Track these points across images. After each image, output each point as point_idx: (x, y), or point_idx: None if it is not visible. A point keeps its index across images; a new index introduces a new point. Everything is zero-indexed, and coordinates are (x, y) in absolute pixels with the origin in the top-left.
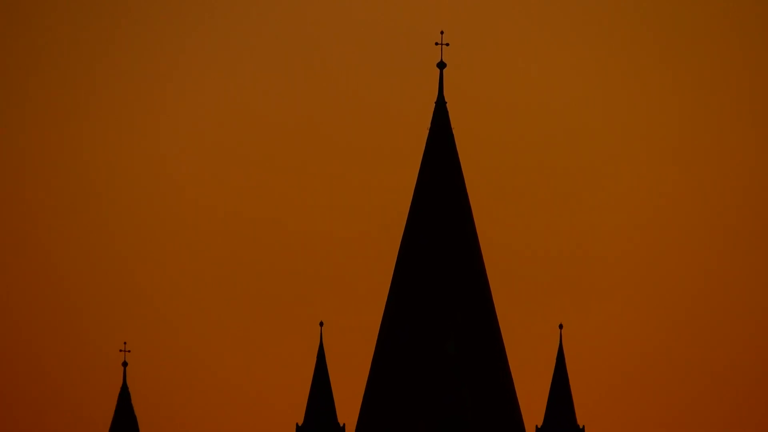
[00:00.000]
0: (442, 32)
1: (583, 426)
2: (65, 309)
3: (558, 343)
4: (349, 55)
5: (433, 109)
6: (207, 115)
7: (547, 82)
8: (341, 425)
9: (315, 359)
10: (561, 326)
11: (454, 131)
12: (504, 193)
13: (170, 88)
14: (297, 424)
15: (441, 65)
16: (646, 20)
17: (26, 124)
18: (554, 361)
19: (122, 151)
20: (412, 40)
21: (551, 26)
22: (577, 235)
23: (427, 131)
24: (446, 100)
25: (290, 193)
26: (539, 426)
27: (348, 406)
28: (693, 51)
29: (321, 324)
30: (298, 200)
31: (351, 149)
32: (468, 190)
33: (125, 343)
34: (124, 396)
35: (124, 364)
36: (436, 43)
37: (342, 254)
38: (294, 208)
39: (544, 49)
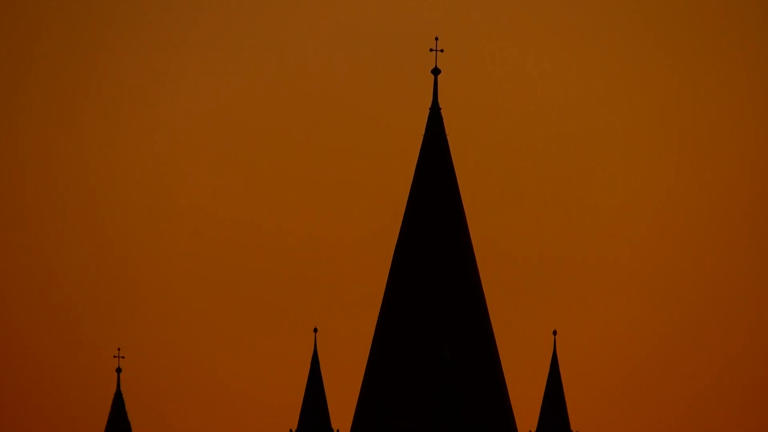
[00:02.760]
0: (436, 38)
1: None
2: (59, 315)
3: (552, 349)
4: (344, 60)
5: (427, 115)
6: (203, 119)
7: (542, 88)
8: (335, 431)
9: (309, 365)
10: (555, 332)
11: (448, 137)
12: (498, 200)
13: (167, 91)
14: (291, 430)
15: (435, 71)
16: (643, 24)
17: (20, 125)
18: (548, 367)
19: (117, 155)
20: (407, 46)
21: (546, 32)
22: (571, 241)
23: (422, 137)
24: (440, 106)
25: (284, 199)
26: (533, 431)
27: (342, 412)
28: (692, 51)
29: (315, 330)
30: (293, 206)
31: (345, 155)
32: (462, 196)
33: (119, 349)
34: (118, 402)
35: (118, 370)
36: (431, 50)
37: (336, 260)
38: (288, 214)
39: (539, 55)
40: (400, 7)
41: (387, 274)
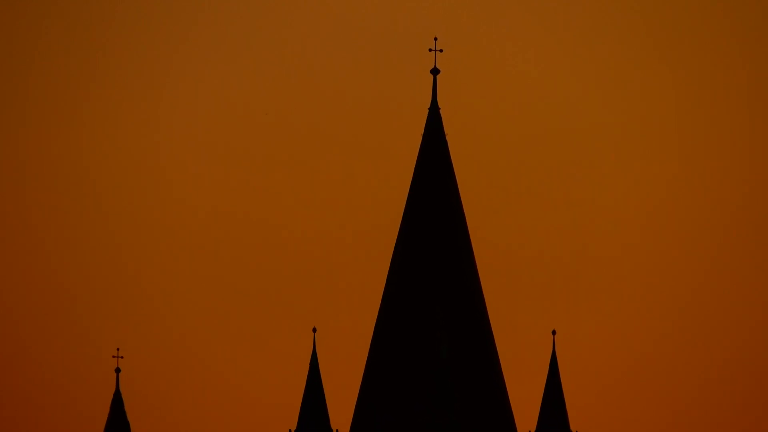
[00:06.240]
0: (435, 38)
1: None
2: (59, 315)
3: (551, 349)
4: (343, 60)
5: (426, 115)
6: (202, 120)
7: (541, 88)
8: (334, 431)
9: (308, 365)
10: (554, 332)
11: (447, 137)
12: (497, 199)
13: (167, 90)
14: (290, 430)
15: (434, 71)
16: (643, 24)
17: (20, 125)
18: (547, 367)
19: (117, 154)
20: (406, 46)
21: (545, 32)
22: (571, 240)
23: (421, 137)
24: (440, 106)
25: (284, 199)
26: (532, 431)
27: (341, 412)
28: (692, 51)
29: (314, 330)
30: (292, 206)
31: (344, 155)
32: (461, 196)
33: (118, 349)
34: (117, 402)
35: (117, 370)
36: (430, 50)
37: (336, 260)
38: (288, 214)
39: (538, 55)
40: (400, 7)
41: (386, 274)
